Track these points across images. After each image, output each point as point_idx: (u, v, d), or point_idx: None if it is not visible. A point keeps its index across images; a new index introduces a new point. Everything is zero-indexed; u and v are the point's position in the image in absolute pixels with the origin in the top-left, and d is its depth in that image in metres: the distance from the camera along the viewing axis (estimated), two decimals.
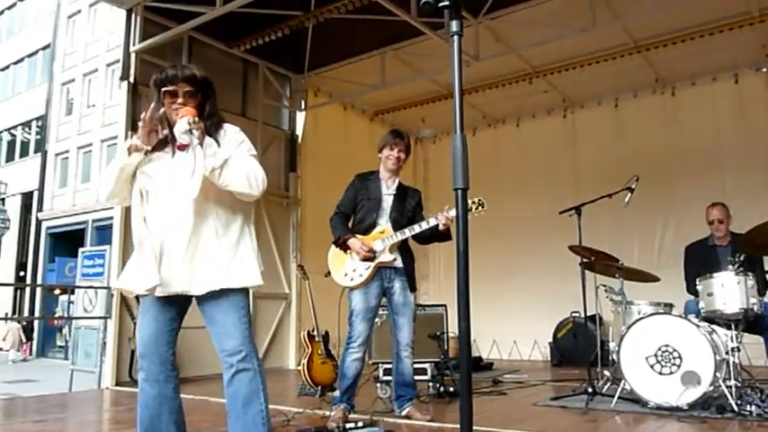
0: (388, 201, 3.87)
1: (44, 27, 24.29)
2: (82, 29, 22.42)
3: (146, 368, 2.31)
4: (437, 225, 3.65)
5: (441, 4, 1.67)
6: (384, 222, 3.82)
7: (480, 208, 3.59)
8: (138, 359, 2.35)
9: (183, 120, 2.20)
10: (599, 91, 8.21)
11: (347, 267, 3.77)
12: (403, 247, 3.85)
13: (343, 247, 3.79)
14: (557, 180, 8.33)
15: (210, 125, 2.34)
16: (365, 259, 3.69)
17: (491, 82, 8.14)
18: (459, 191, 1.67)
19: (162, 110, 2.28)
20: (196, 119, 2.22)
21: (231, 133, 2.40)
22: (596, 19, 6.09)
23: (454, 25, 1.70)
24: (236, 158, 2.28)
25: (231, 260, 2.28)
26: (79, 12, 22.63)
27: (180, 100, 2.31)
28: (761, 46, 6.90)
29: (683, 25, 6.63)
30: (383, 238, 3.75)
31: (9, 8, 26.84)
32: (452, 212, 3.58)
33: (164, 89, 2.32)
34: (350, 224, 3.93)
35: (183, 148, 2.24)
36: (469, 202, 3.58)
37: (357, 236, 3.78)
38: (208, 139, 2.25)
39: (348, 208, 3.93)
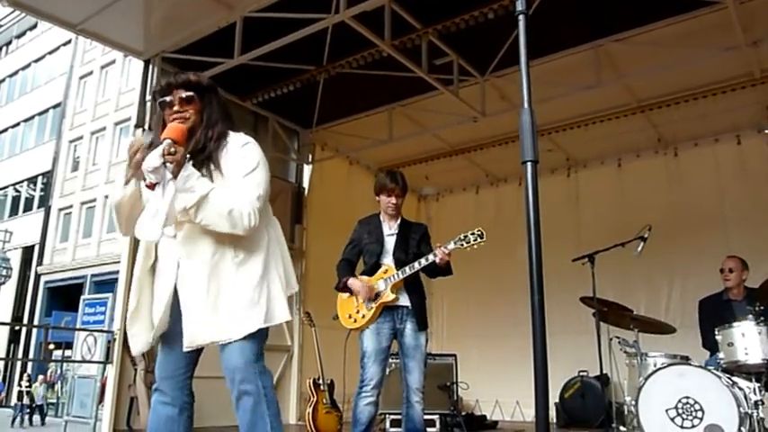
0: (390, 241, 3.84)
1: (56, 87, 24.98)
2: (92, 89, 23.04)
3: (161, 390, 2.16)
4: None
5: None
6: (388, 262, 3.78)
7: (479, 239, 3.55)
8: (155, 380, 2.19)
9: (155, 152, 1.90)
10: (602, 151, 8.29)
11: (352, 309, 3.73)
12: (412, 285, 3.76)
13: (345, 289, 3.76)
14: (560, 239, 8.15)
15: (210, 139, 2.10)
16: (368, 299, 3.64)
17: (495, 140, 8.22)
18: (529, 163, 1.64)
19: (150, 136, 2.07)
20: (174, 148, 1.92)
21: (235, 148, 2.11)
22: (601, 78, 6.23)
23: (519, 5, 1.76)
24: (219, 193, 1.99)
25: (260, 298, 2.08)
26: (91, 73, 23.35)
27: (176, 107, 2.10)
28: (763, 107, 7.02)
29: (684, 86, 6.77)
30: (386, 277, 3.70)
31: (23, 68, 27.68)
32: (450, 246, 3.56)
33: (160, 101, 2.13)
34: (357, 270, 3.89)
35: (151, 187, 1.94)
36: (468, 233, 3.56)
37: (361, 277, 3.75)
38: (188, 171, 1.97)
39: (352, 254, 3.91)
